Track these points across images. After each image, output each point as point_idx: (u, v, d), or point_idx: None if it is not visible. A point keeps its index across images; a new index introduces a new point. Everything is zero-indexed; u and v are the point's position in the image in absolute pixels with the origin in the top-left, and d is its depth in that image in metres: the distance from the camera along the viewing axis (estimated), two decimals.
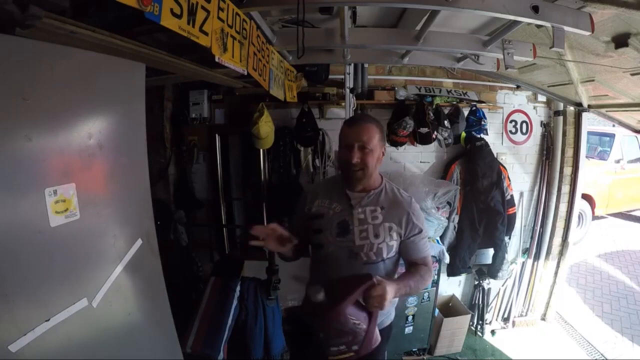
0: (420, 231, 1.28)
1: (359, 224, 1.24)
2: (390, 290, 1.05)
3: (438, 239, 2.72)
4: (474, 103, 2.76)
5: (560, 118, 2.94)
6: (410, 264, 1.29)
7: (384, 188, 1.33)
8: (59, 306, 0.93)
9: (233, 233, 2.87)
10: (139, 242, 1.24)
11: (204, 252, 2.80)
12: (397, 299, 1.36)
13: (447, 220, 2.71)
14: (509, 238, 2.95)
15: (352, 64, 2.36)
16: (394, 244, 1.25)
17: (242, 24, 1.11)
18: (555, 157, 2.99)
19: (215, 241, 2.83)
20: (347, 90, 2.37)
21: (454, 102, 2.74)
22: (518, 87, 2.93)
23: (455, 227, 2.82)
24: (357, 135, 1.22)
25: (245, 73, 1.21)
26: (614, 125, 4.47)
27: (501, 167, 2.80)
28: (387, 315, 1.37)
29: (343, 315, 1.04)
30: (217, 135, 2.69)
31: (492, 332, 3.12)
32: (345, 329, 1.06)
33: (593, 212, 5.12)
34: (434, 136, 2.56)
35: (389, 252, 1.25)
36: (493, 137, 2.89)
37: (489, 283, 3.03)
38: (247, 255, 2.47)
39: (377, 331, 1.13)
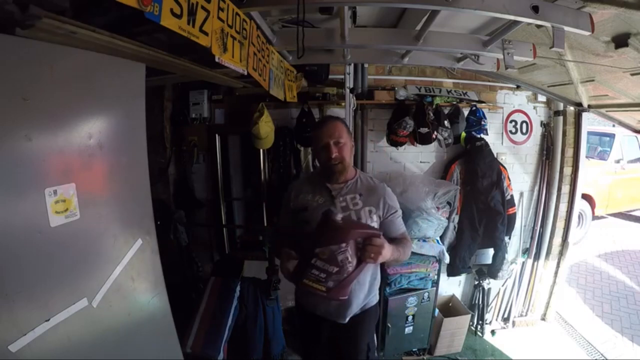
0: (396, 210, 1.44)
1: (342, 210, 1.36)
2: (387, 248, 1.20)
3: (438, 239, 2.72)
4: (474, 103, 2.76)
5: (560, 118, 2.94)
6: (392, 240, 1.38)
7: (358, 178, 1.46)
8: (59, 306, 0.93)
9: (233, 233, 2.87)
10: (139, 242, 1.24)
11: (204, 252, 2.80)
12: (379, 277, 1.53)
13: (447, 220, 2.71)
14: (509, 238, 2.94)
15: (352, 64, 2.36)
16: (375, 225, 1.38)
17: (242, 24, 1.11)
18: (555, 157, 2.99)
19: (215, 241, 2.83)
20: (347, 90, 2.37)
21: (454, 102, 2.74)
22: (518, 87, 2.93)
23: (455, 227, 2.82)
24: (329, 133, 1.37)
25: (245, 73, 1.21)
26: (614, 125, 4.47)
27: (501, 167, 2.80)
28: (373, 295, 1.50)
29: (351, 236, 1.14)
30: (217, 135, 2.69)
31: (492, 332, 3.12)
32: (336, 256, 1.13)
33: (593, 212, 5.11)
34: (434, 136, 2.56)
35: None
36: (493, 137, 2.89)
37: (489, 283, 3.03)
38: (247, 255, 2.47)
39: (350, 290, 1.22)
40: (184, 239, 2.51)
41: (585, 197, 4.82)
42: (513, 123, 2.98)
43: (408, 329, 2.65)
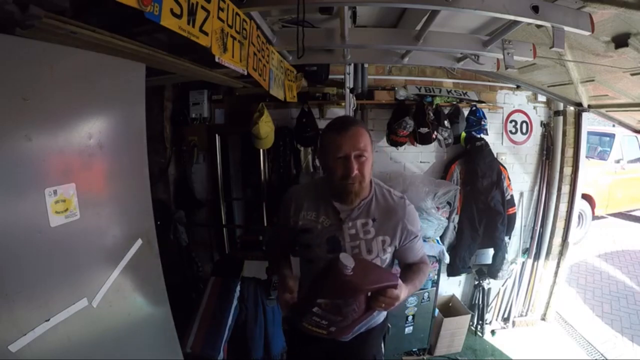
0: (416, 236, 1.21)
1: (351, 239, 1.15)
2: (403, 294, 1.01)
3: (438, 239, 2.72)
4: (474, 103, 2.76)
5: (560, 118, 2.94)
6: (408, 265, 1.24)
7: (374, 195, 1.20)
8: (59, 306, 0.93)
9: (233, 233, 2.87)
10: (139, 242, 1.24)
11: (204, 252, 2.80)
12: None
13: (447, 220, 2.71)
14: (509, 238, 2.94)
15: (352, 64, 2.35)
16: (388, 256, 1.19)
17: (242, 24, 1.11)
18: (555, 157, 2.99)
19: (215, 241, 2.83)
20: (347, 90, 2.36)
21: (454, 102, 2.74)
22: (518, 87, 2.93)
23: (455, 227, 2.82)
24: (353, 142, 1.07)
25: (245, 73, 1.21)
26: (614, 125, 4.47)
27: (501, 167, 2.80)
28: (380, 313, 1.31)
29: (362, 292, 0.98)
30: (217, 135, 2.69)
31: (492, 332, 3.12)
32: (341, 309, 1.00)
33: (593, 212, 5.11)
34: (434, 136, 2.56)
35: (382, 265, 1.19)
36: (493, 137, 2.89)
37: (489, 283, 3.03)
38: (247, 255, 2.47)
39: (354, 328, 1.09)
40: (184, 239, 2.51)
41: (585, 197, 4.81)
42: (513, 123, 2.98)
43: (408, 329, 2.65)
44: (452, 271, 2.86)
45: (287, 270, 1.21)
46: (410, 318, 2.63)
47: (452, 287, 3.11)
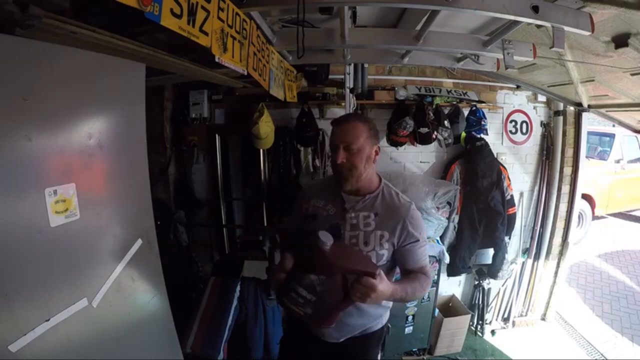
0: (417, 240, 1.22)
1: (351, 229, 1.21)
2: (383, 290, 1.00)
3: (438, 239, 2.73)
4: (474, 103, 2.76)
5: (560, 118, 2.94)
6: (408, 272, 1.24)
7: (380, 192, 1.26)
8: (59, 306, 0.93)
9: (233, 233, 2.87)
10: (139, 242, 1.24)
11: (204, 252, 2.80)
12: (390, 303, 1.33)
13: (447, 220, 2.71)
14: (509, 238, 2.94)
15: (352, 64, 2.35)
16: (385, 252, 1.20)
17: (242, 24, 1.11)
18: (555, 157, 2.99)
19: (215, 241, 2.83)
20: (347, 90, 2.37)
21: (454, 102, 2.74)
22: (518, 87, 2.93)
23: (455, 227, 2.82)
24: (341, 135, 1.19)
25: (245, 73, 1.21)
26: (614, 125, 4.48)
27: (501, 167, 2.80)
28: (377, 319, 1.33)
29: (335, 270, 1.01)
30: (217, 135, 2.69)
31: (492, 332, 3.12)
32: (315, 287, 1.04)
33: (593, 212, 5.11)
34: (434, 136, 2.56)
35: (378, 261, 1.20)
36: (493, 137, 2.89)
37: (489, 283, 3.03)
38: (247, 255, 2.47)
39: (337, 319, 1.09)
40: (184, 239, 2.51)
41: (585, 197, 4.81)
42: (513, 123, 2.98)
43: (408, 329, 2.65)
44: (452, 271, 2.86)
45: (288, 254, 1.22)
46: (410, 318, 2.63)
47: (452, 287, 3.11)
